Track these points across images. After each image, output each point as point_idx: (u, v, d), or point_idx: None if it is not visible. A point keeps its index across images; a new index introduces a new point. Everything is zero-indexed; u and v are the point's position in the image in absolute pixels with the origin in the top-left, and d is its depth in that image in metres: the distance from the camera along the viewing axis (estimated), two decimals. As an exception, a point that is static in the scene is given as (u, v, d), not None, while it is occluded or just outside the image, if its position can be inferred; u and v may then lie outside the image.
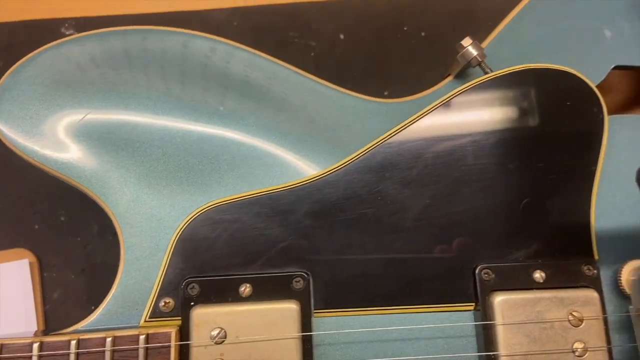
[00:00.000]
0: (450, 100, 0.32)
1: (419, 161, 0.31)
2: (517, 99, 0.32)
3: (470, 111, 0.32)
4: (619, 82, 0.45)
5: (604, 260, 0.31)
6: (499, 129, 0.32)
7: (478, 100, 0.32)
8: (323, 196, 0.31)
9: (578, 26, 0.36)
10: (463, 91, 0.32)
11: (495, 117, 0.32)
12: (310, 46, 0.50)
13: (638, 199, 0.32)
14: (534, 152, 0.31)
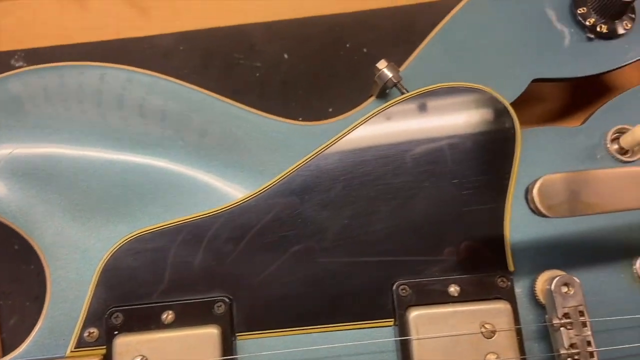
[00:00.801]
0: (366, 122, 0.33)
1: (336, 182, 0.32)
2: (431, 117, 0.33)
3: (386, 132, 0.33)
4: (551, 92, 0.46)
5: (520, 271, 0.32)
6: (414, 148, 0.33)
7: (394, 121, 0.33)
8: (244, 221, 0.32)
9: (498, 41, 0.37)
10: (378, 113, 0.33)
11: (410, 136, 0.33)
12: (255, 67, 0.51)
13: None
14: (448, 168, 0.32)
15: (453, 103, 0.33)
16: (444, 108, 0.33)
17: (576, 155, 0.35)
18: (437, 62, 0.37)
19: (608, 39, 0.37)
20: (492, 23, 0.37)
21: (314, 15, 0.52)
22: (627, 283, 0.33)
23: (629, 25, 0.37)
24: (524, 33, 0.37)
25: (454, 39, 0.37)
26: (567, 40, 0.37)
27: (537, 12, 0.38)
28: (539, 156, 0.35)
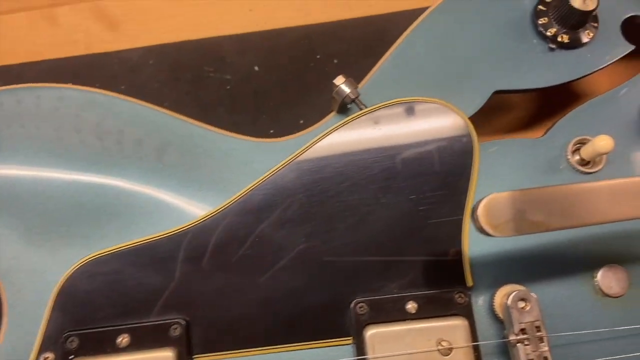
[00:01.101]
0: (322, 139, 0.33)
1: (294, 200, 0.32)
2: (388, 133, 0.33)
3: (342, 149, 0.33)
4: (520, 100, 0.46)
5: (480, 286, 0.32)
6: (370, 164, 0.32)
7: (351, 137, 0.33)
8: (201, 241, 0.31)
9: (459, 54, 0.37)
10: (335, 130, 0.33)
11: (367, 153, 0.33)
12: (225, 79, 0.51)
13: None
14: (405, 184, 0.32)
15: (410, 118, 0.33)
16: (400, 123, 0.33)
17: (538, 167, 0.35)
18: (398, 76, 0.37)
19: (571, 49, 0.37)
20: (452, 36, 0.37)
21: (284, 26, 0.52)
22: (588, 296, 0.33)
23: (591, 34, 0.37)
24: (485, 45, 0.37)
25: (414, 52, 0.37)
26: (528, 52, 0.37)
27: (499, 24, 0.38)
28: (500, 169, 0.35)
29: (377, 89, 0.36)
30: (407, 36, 0.38)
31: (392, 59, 0.37)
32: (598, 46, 0.38)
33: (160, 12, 0.52)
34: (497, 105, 0.44)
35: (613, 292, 0.32)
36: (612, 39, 0.38)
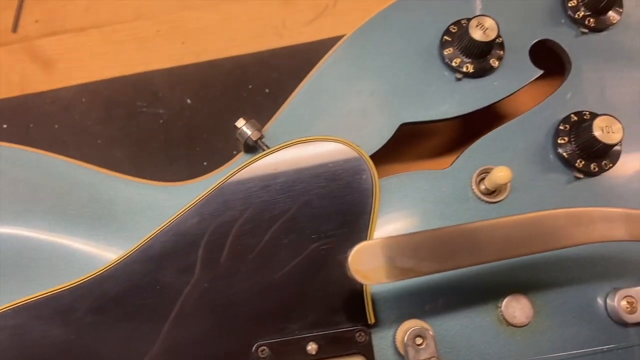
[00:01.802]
0: (223, 183, 0.33)
1: (195, 245, 0.32)
2: (288, 174, 0.33)
3: (242, 192, 0.33)
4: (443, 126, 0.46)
5: (383, 322, 0.32)
6: (271, 206, 0.33)
7: (252, 180, 0.33)
8: (103, 291, 0.32)
9: (366, 89, 0.37)
10: (236, 172, 0.33)
11: (268, 195, 0.33)
12: (158, 114, 0.51)
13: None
14: (306, 224, 0.33)
15: (309, 158, 0.33)
16: (300, 164, 0.33)
17: (444, 199, 0.35)
18: (305, 114, 0.37)
19: (478, 78, 0.38)
20: (360, 70, 0.38)
21: (216, 58, 0.52)
22: (493, 326, 0.33)
23: (497, 62, 0.38)
24: (393, 78, 0.38)
25: (323, 88, 0.37)
26: (436, 82, 0.38)
27: (408, 56, 0.38)
28: (405, 204, 0.35)
29: (286, 126, 0.37)
30: (315, 72, 0.38)
31: (301, 96, 0.38)
32: (506, 73, 0.38)
33: (93, 50, 0.52)
34: (420, 131, 0.45)
35: (517, 322, 0.33)
36: (520, 65, 0.38)
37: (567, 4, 0.39)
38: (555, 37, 0.39)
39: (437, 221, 0.35)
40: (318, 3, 0.53)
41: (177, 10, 0.54)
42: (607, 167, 0.36)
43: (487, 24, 0.36)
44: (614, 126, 0.34)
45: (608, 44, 0.39)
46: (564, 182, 0.36)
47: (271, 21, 0.53)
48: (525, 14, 0.39)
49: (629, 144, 0.37)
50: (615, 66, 0.39)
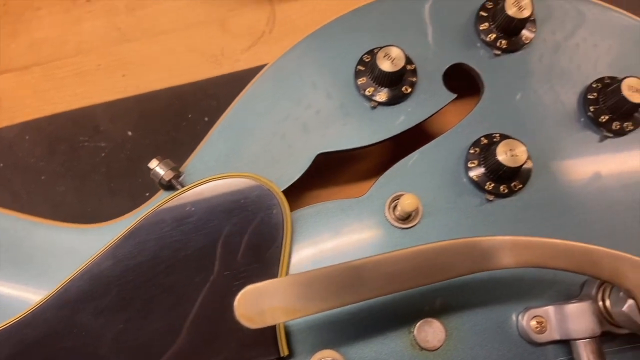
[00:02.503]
0: (138, 223, 0.34)
1: (111, 287, 0.33)
2: (201, 212, 0.34)
3: (158, 231, 0.34)
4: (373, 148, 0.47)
5: (298, 354, 0.33)
6: (185, 245, 0.34)
7: (165, 219, 0.34)
8: (22, 337, 0.32)
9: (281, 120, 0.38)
10: (150, 213, 0.34)
11: (182, 233, 0.34)
12: (100, 147, 0.52)
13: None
14: (219, 261, 0.33)
15: (221, 195, 0.34)
16: (212, 201, 0.34)
17: (360, 227, 0.36)
18: (224, 148, 0.38)
19: (391, 105, 0.39)
20: (277, 102, 0.39)
21: (156, 89, 0.53)
22: (406, 351, 0.34)
23: (410, 89, 0.39)
24: (309, 109, 0.38)
25: (240, 122, 0.38)
26: (352, 111, 0.39)
27: (324, 85, 0.39)
28: (321, 234, 0.36)
29: (205, 162, 0.38)
30: (234, 105, 0.39)
31: (219, 131, 0.38)
32: (420, 99, 0.39)
33: (36, 87, 0.53)
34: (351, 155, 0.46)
35: (430, 346, 0.34)
36: (434, 91, 0.39)
37: (479, 27, 0.40)
38: (468, 60, 0.40)
39: (353, 250, 0.36)
40: (255, 30, 0.54)
41: (117, 43, 0.54)
42: (517, 188, 0.36)
43: (394, 54, 0.37)
44: (517, 149, 0.35)
45: (522, 64, 0.40)
46: (476, 204, 0.37)
47: (210, 50, 0.54)
48: (438, 39, 0.40)
49: (541, 162, 0.37)
50: (528, 85, 0.39)
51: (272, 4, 0.54)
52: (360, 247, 0.36)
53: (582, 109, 0.39)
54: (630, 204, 0.37)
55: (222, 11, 0.54)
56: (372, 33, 0.40)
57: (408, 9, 0.41)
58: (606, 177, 0.37)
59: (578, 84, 0.39)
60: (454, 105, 0.42)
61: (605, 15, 0.42)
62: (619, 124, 0.38)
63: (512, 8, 0.38)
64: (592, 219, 0.37)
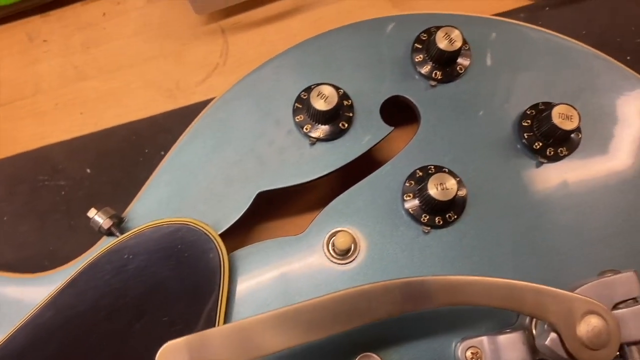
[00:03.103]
0: (78, 273, 0.35)
1: (53, 337, 0.34)
2: (139, 259, 0.35)
3: (97, 279, 0.35)
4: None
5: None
6: (124, 292, 0.34)
7: (104, 268, 0.35)
8: (-32, 390, 0.33)
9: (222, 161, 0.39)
10: (90, 261, 0.35)
11: (121, 281, 0.34)
12: (60, 186, 0.53)
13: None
14: (159, 307, 0.34)
15: (159, 241, 0.35)
16: (150, 247, 0.35)
17: (300, 266, 0.37)
18: (165, 192, 0.39)
19: (330, 141, 0.39)
20: (218, 142, 0.39)
21: (113, 125, 0.54)
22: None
23: (346, 124, 0.39)
24: (249, 148, 0.39)
25: (181, 164, 0.39)
26: (291, 148, 0.39)
27: (263, 125, 0.40)
28: (262, 273, 0.37)
29: (147, 206, 0.39)
30: (175, 148, 0.40)
31: (161, 174, 0.39)
32: (358, 133, 0.40)
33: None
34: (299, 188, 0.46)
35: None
36: (371, 124, 0.40)
37: (415, 59, 0.41)
38: (405, 92, 0.41)
39: (295, 290, 0.36)
40: (209, 62, 0.55)
41: (74, 81, 0.55)
42: (452, 219, 0.37)
43: (327, 92, 0.38)
44: (448, 182, 0.36)
45: (458, 93, 0.41)
46: (414, 236, 0.37)
47: (165, 84, 0.54)
48: (376, 72, 0.41)
49: (477, 192, 0.38)
50: (464, 115, 0.40)
51: (224, 36, 0.55)
52: (301, 286, 0.36)
53: (517, 136, 0.39)
54: (567, 229, 0.38)
55: (176, 45, 0.55)
56: (311, 69, 0.41)
57: (346, 44, 0.42)
58: (542, 204, 0.38)
59: (513, 111, 0.40)
60: (405, 132, 0.43)
61: (542, 39, 0.42)
62: (553, 150, 0.39)
63: (443, 41, 0.39)
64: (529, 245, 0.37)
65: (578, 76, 0.41)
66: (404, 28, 0.42)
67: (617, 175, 0.39)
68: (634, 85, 0.41)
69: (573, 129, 0.37)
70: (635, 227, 0.38)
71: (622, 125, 0.40)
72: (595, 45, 0.51)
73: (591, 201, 0.38)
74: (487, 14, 0.51)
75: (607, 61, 0.42)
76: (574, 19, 0.52)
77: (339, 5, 0.55)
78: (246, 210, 0.38)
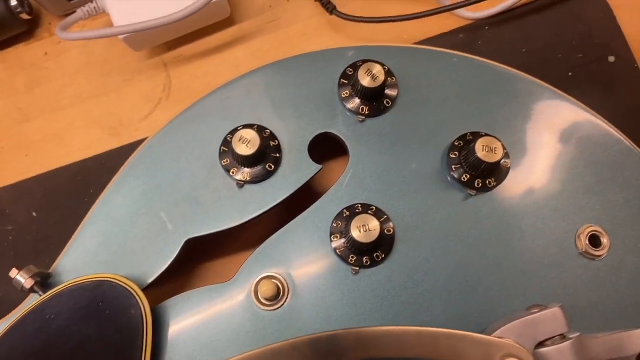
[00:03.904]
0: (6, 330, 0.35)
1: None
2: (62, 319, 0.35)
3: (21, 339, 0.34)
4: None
5: None
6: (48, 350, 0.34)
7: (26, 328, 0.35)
8: None
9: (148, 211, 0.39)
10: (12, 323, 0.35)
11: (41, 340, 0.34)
12: (6, 230, 0.52)
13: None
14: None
15: (81, 298, 0.35)
16: (72, 305, 0.35)
17: (229, 314, 0.37)
18: (92, 244, 0.38)
19: (258, 182, 0.39)
20: (144, 191, 0.39)
21: (59, 166, 0.53)
22: None
23: (273, 166, 0.39)
24: (177, 194, 0.39)
25: (107, 215, 0.39)
26: (219, 192, 0.39)
27: (191, 169, 0.40)
28: (192, 323, 0.36)
29: (74, 260, 0.38)
30: (100, 199, 0.40)
31: (87, 226, 0.39)
32: (286, 173, 0.39)
33: (-59, 176, 0.54)
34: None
35: None
36: (299, 163, 0.40)
37: (342, 95, 0.40)
38: (333, 128, 0.40)
39: (224, 339, 0.36)
40: (151, 97, 0.54)
41: (18, 123, 0.55)
42: (380, 258, 0.37)
43: (248, 136, 0.37)
44: (370, 223, 0.35)
45: (386, 127, 0.40)
46: (342, 277, 0.37)
47: (108, 122, 0.54)
48: (303, 110, 0.41)
49: (405, 228, 0.38)
50: (393, 149, 0.40)
51: (167, 69, 0.55)
52: (230, 335, 0.36)
53: (446, 168, 0.39)
54: (498, 261, 0.37)
55: (118, 81, 0.55)
56: (237, 111, 0.41)
57: (272, 82, 0.41)
58: (472, 237, 0.38)
59: (442, 143, 0.40)
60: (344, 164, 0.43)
61: (469, 66, 0.42)
62: (481, 182, 0.38)
63: (365, 78, 0.38)
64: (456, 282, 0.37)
65: (506, 102, 0.41)
66: (331, 63, 0.42)
67: (548, 203, 0.39)
68: (563, 107, 0.41)
69: (497, 161, 0.37)
70: (567, 256, 0.38)
71: (550, 151, 0.40)
72: (537, 62, 0.52)
73: (522, 232, 0.38)
74: (427, 35, 0.52)
75: (535, 84, 0.42)
76: (514, 37, 0.52)
77: (280, 33, 0.54)
78: (175, 258, 0.38)
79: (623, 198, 0.39)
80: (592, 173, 0.40)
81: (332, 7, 0.49)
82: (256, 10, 0.55)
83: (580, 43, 0.51)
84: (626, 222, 0.39)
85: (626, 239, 0.38)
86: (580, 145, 0.40)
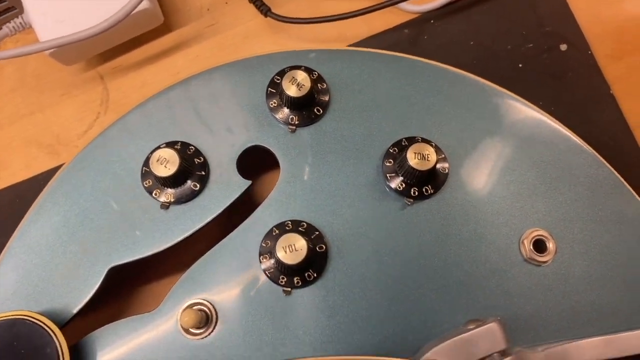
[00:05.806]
0: None
1: None
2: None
3: None
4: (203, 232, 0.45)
5: None
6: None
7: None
8: None
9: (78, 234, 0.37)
10: None
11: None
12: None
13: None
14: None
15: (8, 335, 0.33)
16: None
17: (155, 345, 0.35)
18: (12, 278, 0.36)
19: (184, 203, 0.37)
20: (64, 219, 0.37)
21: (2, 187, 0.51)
22: None
23: (198, 185, 0.37)
24: (98, 221, 0.37)
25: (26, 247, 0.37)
26: (142, 217, 0.37)
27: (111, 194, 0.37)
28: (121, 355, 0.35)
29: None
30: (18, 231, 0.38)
31: (7, 259, 0.37)
32: (214, 191, 0.37)
33: None
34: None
35: None
36: (228, 180, 0.38)
37: (270, 105, 0.38)
38: (263, 141, 0.38)
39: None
40: (89, 112, 0.52)
41: (-46, 146, 0.53)
42: (312, 277, 0.35)
43: (167, 155, 0.35)
44: (297, 243, 0.33)
45: (317, 137, 0.38)
46: (274, 299, 0.35)
47: (45, 140, 0.52)
48: (230, 123, 0.38)
49: (339, 244, 0.36)
50: (326, 160, 0.38)
51: (104, 82, 0.52)
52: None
53: (382, 177, 0.37)
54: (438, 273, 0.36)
55: (54, 97, 0.53)
56: (159, 128, 0.38)
57: (197, 95, 0.39)
58: (410, 249, 0.36)
59: (377, 150, 0.38)
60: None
61: (404, 66, 0.40)
62: (418, 190, 0.36)
63: (291, 87, 0.36)
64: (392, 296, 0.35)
65: (444, 103, 0.39)
66: (258, 71, 0.39)
67: (490, 208, 0.37)
68: (506, 106, 0.39)
69: (430, 169, 0.35)
70: (510, 264, 0.36)
71: (493, 153, 0.38)
72: (486, 55, 0.49)
73: (462, 240, 0.36)
74: (371, 33, 0.49)
75: (475, 82, 0.40)
76: (462, 30, 0.49)
77: (220, 37, 0.52)
78: (100, 287, 0.36)
79: (570, 198, 0.37)
80: (537, 173, 0.38)
81: (267, 9, 0.47)
82: (194, 15, 0.53)
83: (531, 33, 0.49)
84: (573, 224, 0.37)
85: (574, 243, 0.36)
86: (525, 144, 0.38)
